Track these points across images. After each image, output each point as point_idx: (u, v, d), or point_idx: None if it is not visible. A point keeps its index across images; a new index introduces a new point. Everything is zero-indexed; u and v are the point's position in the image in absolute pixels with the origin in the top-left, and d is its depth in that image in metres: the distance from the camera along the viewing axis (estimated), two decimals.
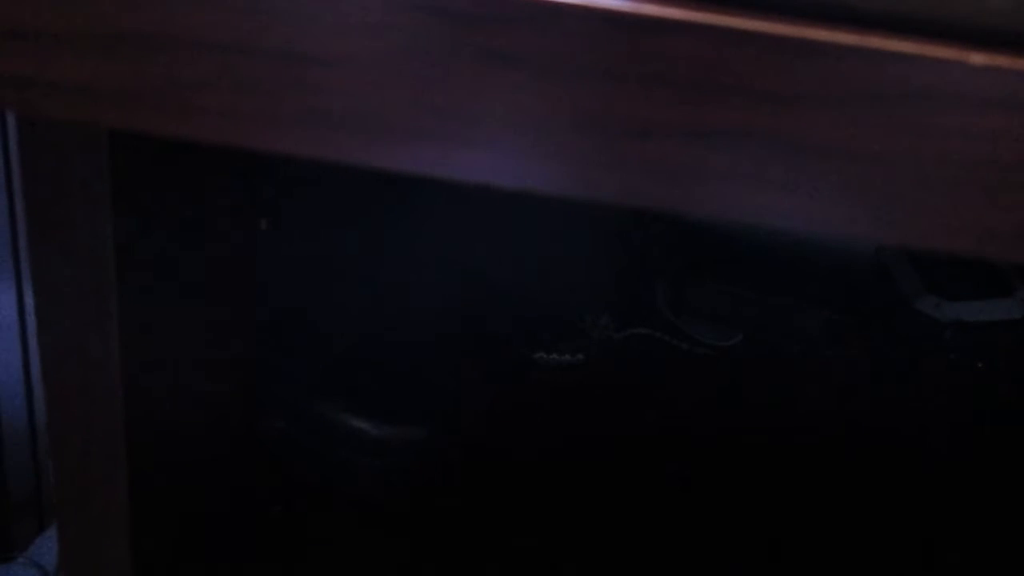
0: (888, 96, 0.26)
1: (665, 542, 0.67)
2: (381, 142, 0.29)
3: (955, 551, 0.70)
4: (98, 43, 0.29)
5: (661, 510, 0.70)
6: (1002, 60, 0.24)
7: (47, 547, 1.16)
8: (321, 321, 0.76)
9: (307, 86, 0.28)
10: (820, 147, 0.27)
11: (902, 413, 0.82)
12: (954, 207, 0.27)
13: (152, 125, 0.29)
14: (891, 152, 0.26)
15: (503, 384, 0.80)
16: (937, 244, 0.27)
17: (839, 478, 0.74)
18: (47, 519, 1.20)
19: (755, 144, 0.27)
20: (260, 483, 0.69)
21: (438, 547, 0.66)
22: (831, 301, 0.87)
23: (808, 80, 0.26)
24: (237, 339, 0.64)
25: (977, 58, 0.24)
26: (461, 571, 0.65)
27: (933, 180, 0.26)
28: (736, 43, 0.26)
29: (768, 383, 0.83)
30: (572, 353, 0.83)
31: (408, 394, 0.73)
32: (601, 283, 0.90)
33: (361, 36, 0.28)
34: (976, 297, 0.88)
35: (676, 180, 0.27)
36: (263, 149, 0.29)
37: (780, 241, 0.90)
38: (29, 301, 1.12)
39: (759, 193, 0.28)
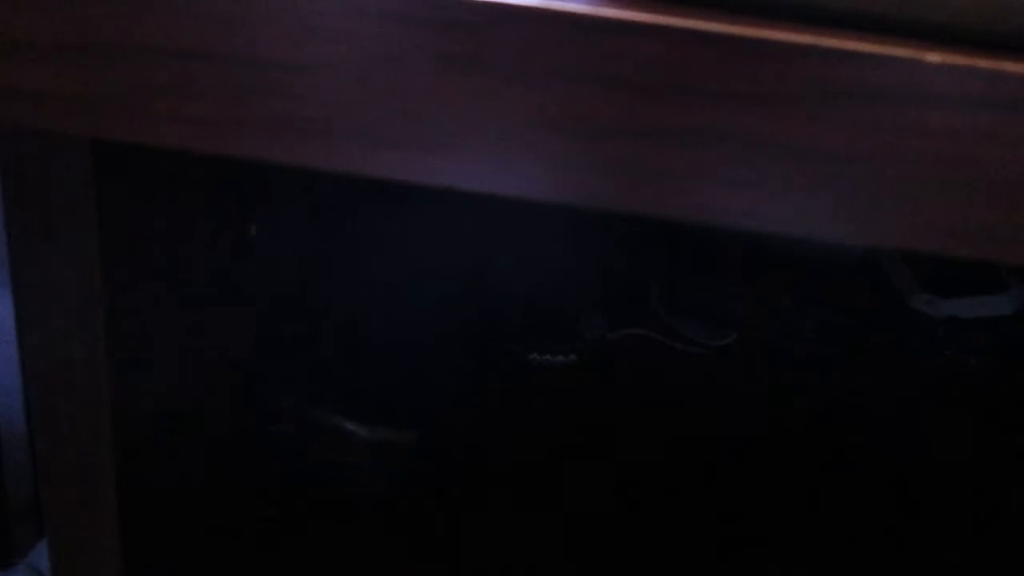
0: (845, 95, 0.25)
1: (660, 541, 0.67)
2: (350, 148, 0.29)
3: (951, 548, 0.69)
4: (65, 51, 0.29)
5: (656, 509, 0.70)
6: (957, 58, 0.24)
7: (47, 554, 1.16)
8: (318, 323, 0.76)
9: (274, 92, 0.28)
10: (785, 147, 0.27)
11: (896, 410, 0.81)
12: (914, 205, 0.27)
13: (116, 132, 0.29)
14: (848, 151, 0.26)
15: (497, 384, 0.80)
16: (899, 243, 0.27)
17: (834, 476, 0.74)
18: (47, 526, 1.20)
19: (718, 145, 0.27)
20: (258, 484, 0.69)
21: (435, 546, 0.66)
22: (824, 299, 0.87)
23: (766, 80, 0.26)
24: (227, 346, 0.64)
25: (933, 56, 0.24)
26: (458, 570, 0.65)
27: (891, 178, 0.26)
28: (696, 44, 0.26)
29: (762, 382, 0.83)
30: (566, 353, 0.83)
31: (403, 395, 0.73)
32: (595, 283, 0.89)
33: (329, 42, 0.28)
34: (969, 294, 0.87)
35: (641, 182, 0.27)
36: (229, 155, 0.29)
37: (773, 240, 0.90)
38: None
39: (724, 194, 0.28)
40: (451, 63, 0.27)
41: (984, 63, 0.24)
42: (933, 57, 0.24)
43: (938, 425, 0.81)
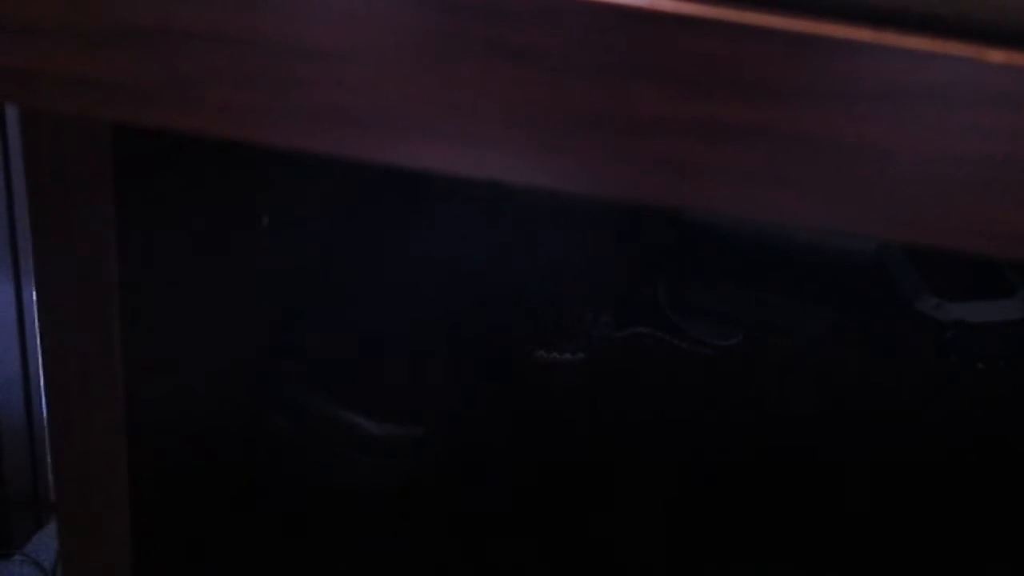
0: (903, 94, 0.25)
1: (664, 540, 0.67)
2: (386, 138, 0.28)
3: (954, 551, 0.69)
4: (101, 37, 0.29)
5: (660, 509, 0.70)
6: (1021, 58, 0.24)
7: (45, 544, 1.16)
8: (321, 320, 0.76)
9: (312, 80, 0.28)
10: (832, 144, 0.26)
11: (902, 413, 0.82)
12: (970, 206, 0.26)
13: (155, 119, 0.29)
14: (906, 150, 0.26)
15: (503, 382, 0.79)
16: (949, 244, 0.26)
17: (838, 478, 0.74)
18: (45, 516, 1.20)
19: (766, 141, 0.27)
20: (264, 477, 0.68)
21: (437, 545, 0.66)
22: (831, 301, 0.87)
23: (821, 77, 0.26)
24: (237, 338, 0.64)
25: (995, 56, 0.24)
26: (460, 569, 0.65)
27: (947, 179, 0.26)
28: (748, 39, 0.25)
29: (768, 382, 0.83)
30: (572, 351, 0.83)
31: (408, 392, 0.73)
32: (602, 281, 0.89)
33: (367, 30, 0.27)
34: (977, 297, 0.87)
35: (685, 176, 0.27)
36: (267, 144, 0.28)
37: (781, 240, 0.90)
38: (28, 300, 1.12)
39: (768, 190, 0.27)
40: (498, 54, 0.26)
41: None
42: (996, 56, 0.24)
43: (944, 429, 0.81)
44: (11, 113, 1.05)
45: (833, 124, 0.26)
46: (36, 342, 1.15)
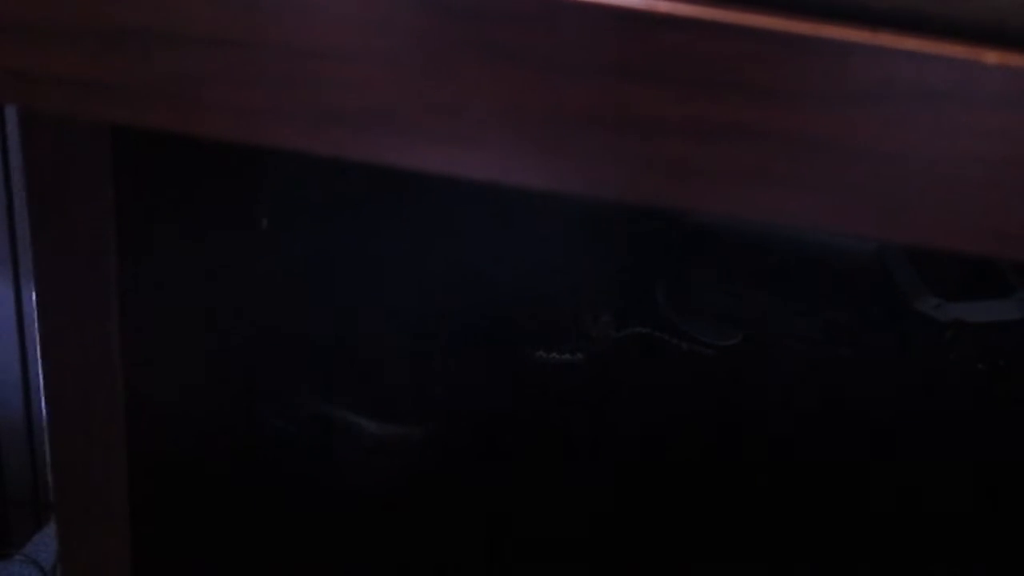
0: (900, 95, 0.25)
1: (664, 541, 0.67)
2: (385, 139, 0.28)
3: (954, 551, 0.70)
4: (103, 38, 0.29)
5: (660, 509, 0.70)
6: (1016, 59, 0.24)
7: (44, 544, 1.16)
8: (321, 320, 0.76)
9: (311, 82, 0.28)
10: (829, 145, 0.26)
11: (902, 414, 0.81)
12: (966, 207, 0.26)
13: (157, 121, 0.29)
14: (903, 151, 0.26)
15: (504, 382, 0.79)
16: (946, 244, 0.27)
17: (838, 478, 0.74)
18: (44, 517, 1.20)
19: (762, 141, 0.27)
20: (265, 477, 0.68)
21: (438, 545, 0.66)
22: (831, 301, 0.87)
23: (818, 78, 0.26)
24: (237, 338, 0.64)
25: (991, 57, 0.24)
26: (460, 570, 0.65)
27: (945, 179, 0.26)
28: (746, 40, 0.26)
29: (768, 383, 0.83)
30: (572, 352, 0.83)
31: (408, 393, 0.73)
32: (601, 281, 0.89)
33: (366, 32, 0.28)
34: (976, 298, 0.87)
35: (682, 177, 0.27)
36: (267, 145, 0.28)
37: (781, 240, 0.90)
38: (27, 300, 1.12)
39: (766, 191, 0.27)
40: (496, 56, 0.26)
41: None
42: (991, 58, 0.24)
43: (943, 429, 0.81)
44: (11, 113, 1.05)
45: (830, 125, 0.26)
46: (36, 342, 1.14)
